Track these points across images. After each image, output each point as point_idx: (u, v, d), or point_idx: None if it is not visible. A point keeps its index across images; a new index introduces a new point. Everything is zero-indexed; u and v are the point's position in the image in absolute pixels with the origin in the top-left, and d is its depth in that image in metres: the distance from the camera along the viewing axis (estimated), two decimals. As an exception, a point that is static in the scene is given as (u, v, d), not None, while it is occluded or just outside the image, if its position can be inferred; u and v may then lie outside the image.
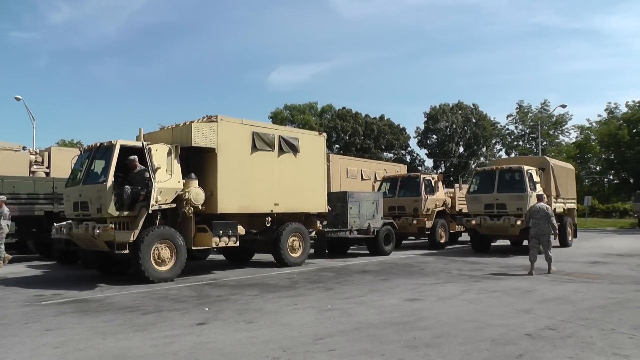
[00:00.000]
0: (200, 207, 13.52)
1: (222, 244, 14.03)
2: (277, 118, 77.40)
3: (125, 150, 12.62)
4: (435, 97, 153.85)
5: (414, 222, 22.22)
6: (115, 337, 7.18)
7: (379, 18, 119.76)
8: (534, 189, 19.20)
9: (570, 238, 23.46)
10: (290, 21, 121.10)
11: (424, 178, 22.96)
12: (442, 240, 23.43)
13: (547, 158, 23.13)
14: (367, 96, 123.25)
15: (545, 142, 67.53)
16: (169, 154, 13.08)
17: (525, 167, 19.76)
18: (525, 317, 8.34)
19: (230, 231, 14.12)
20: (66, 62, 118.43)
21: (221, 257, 18.38)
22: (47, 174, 19.76)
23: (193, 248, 13.82)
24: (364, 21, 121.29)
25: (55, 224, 13.80)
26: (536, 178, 19.91)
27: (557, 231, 14.46)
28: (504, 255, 19.25)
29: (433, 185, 23.16)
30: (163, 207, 12.93)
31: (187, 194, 13.21)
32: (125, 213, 12.31)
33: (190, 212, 13.40)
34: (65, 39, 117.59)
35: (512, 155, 69.42)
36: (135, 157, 12.63)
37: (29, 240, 19.42)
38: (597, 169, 67.70)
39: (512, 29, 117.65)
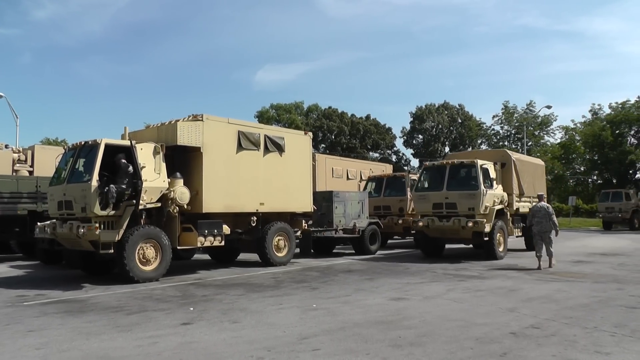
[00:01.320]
0: (185, 207, 13.48)
1: (207, 244, 13.99)
2: (263, 117, 77.21)
3: (111, 149, 12.55)
4: (421, 97, 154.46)
5: (400, 221, 21.83)
6: (99, 338, 7.14)
7: (365, 18, 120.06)
8: (490, 186, 17.53)
9: None
10: (277, 20, 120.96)
11: (410, 177, 22.82)
12: None
13: (509, 152, 20.72)
14: (353, 96, 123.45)
15: (530, 143, 67.80)
16: (154, 152, 13.04)
17: (480, 162, 17.63)
18: (510, 315, 8.40)
19: (216, 230, 14.08)
20: (50, 60, 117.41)
21: (206, 256, 18.33)
22: (31, 172, 19.57)
23: (178, 247, 13.77)
24: (350, 21, 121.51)
25: (38, 224, 13.69)
26: (493, 174, 17.87)
27: (557, 228, 15.50)
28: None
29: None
30: (148, 206, 12.88)
31: (172, 193, 13.16)
32: (111, 212, 12.25)
33: (175, 211, 13.34)
34: (49, 36, 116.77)
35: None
36: (123, 155, 12.56)
37: (12, 240, 19.22)
38: (582, 169, 68.17)
39: (498, 30, 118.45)
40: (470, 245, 20.41)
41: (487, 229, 16.78)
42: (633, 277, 12.95)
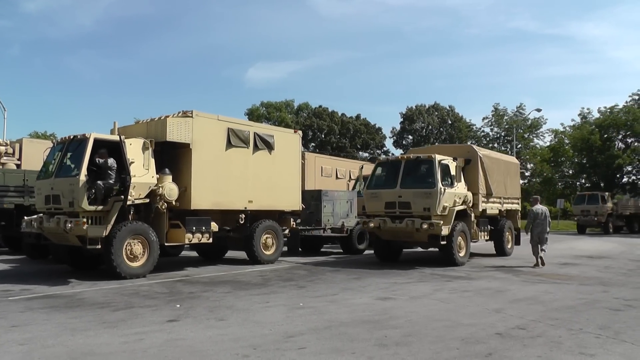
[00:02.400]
0: (173, 203, 13.45)
1: (195, 241, 13.97)
2: (253, 115, 77.15)
3: (100, 144, 12.50)
4: (411, 98, 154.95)
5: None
6: (84, 334, 7.11)
7: (357, 18, 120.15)
8: (451, 184, 15.78)
9: (509, 245, 19.82)
10: (269, 18, 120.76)
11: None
12: None
13: (476, 147, 18.46)
14: (344, 95, 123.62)
15: (520, 145, 68.16)
16: (143, 148, 13.01)
17: (438, 157, 15.74)
18: (496, 316, 8.44)
19: (204, 227, 14.06)
20: (40, 52, 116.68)
21: (194, 253, 18.31)
22: (18, 166, 19.45)
23: (166, 244, 13.74)
24: (342, 20, 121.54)
25: (25, 218, 13.61)
26: (454, 171, 15.95)
27: (549, 229, 16.63)
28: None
29: None
30: (136, 202, 12.84)
31: (160, 189, 13.12)
32: (99, 208, 12.20)
33: (163, 207, 13.31)
34: (39, 29, 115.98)
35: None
36: (106, 150, 12.51)
37: (-2, 234, 19.11)
38: (570, 172, 68.54)
39: (490, 32, 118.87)
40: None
41: (445, 231, 15.16)
42: (618, 280, 13.07)
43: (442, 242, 15.31)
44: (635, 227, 41.55)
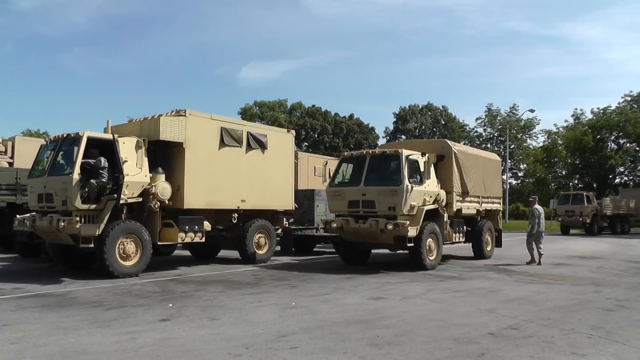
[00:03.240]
0: (166, 202, 13.42)
1: (187, 240, 13.95)
2: (247, 114, 77.18)
3: (93, 142, 12.47)
4: (405, 98, 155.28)
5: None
6: (77, 333, 7.09)
7: (351, 17, 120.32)
8: (419, 182, 14.67)
9: (489, 248, 18.72)
10: (263, 17, 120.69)
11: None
12: None
13: (450, 143, 17.10)
14: (337, 95, 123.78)
15: (513, 146, 68.43)
16: (136, 147, 12.98)
17: (405, 152, 14.57)
18: (489, 316, 8.46)
19: (197, 227, 14.04)
20: (33, 50, 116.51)
21: (187, 252, 18.29)
22: (11, 164, 19.38)
23: (159, 243, 13.72)
24: (336, 20, 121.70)
25: (18, 216, 13.56)
26: (423, 167, 14.81)
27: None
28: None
29: None
30: (129, 201, 12.82)
31: (153, 188, 13.10)
32: (92, 206, 12.17)
33: (156, 206, 13.28)
34: (33, 26, 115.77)
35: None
36: (97, 150, 12.48)
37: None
38: (563, 173, 68.81)
39: (484, 33, 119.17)
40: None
41: (413, 232, 14.09)
42: (610, 280, 13.12)
43: (410, 244, 14.23)
44: (617, 228, 40.76)
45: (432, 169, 15.46)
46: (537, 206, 17.56)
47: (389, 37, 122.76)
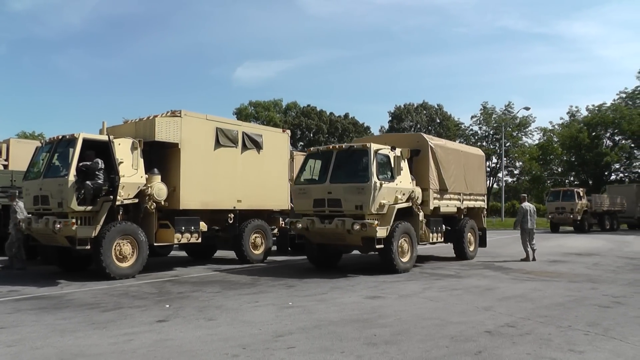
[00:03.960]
0: (162, 203, 13.40)
1: (184, 240, 13.92)
2: (242, 114, 77.20)
3: (88, 144, 12.46)
4: (400, 97, 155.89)
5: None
6: (73, 335, 7.08)
7: (345, 16, 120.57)
8: (390, 178, 13.72)
9: (472, 247, 17.80)
10: (257, 17, 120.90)
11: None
12: None
13: (426, 136, 16.08)
14: (332, 94, 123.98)
15: (508, 143, 68.45)
16: (132, 148, 12.97)
17: (374, 147, 13.61)
18: (485, 314, 8.47)
19: (193, 227, 14.02)
20: (28, 52, 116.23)
21: (183, 253, 18.27)
22: (6, 166, 19.32)
23: (155, 244, 13.69)
24: (330, 19, 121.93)
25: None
26: (394, 162, 13.80)
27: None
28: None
29: None
30: (125, 202, 12.81)
31: (149, 189, 13.08)
32: (88, 208, 12.16)
33: (152, 207, 13.26)
34: (27, 28, 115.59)
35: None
36: (93, 152, 12.47)
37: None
38: (559, 170, 68.96)
39: (478, 31, 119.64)
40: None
41: (382, 233, 13.19)
42: (607, 277, 13.14)
43: (379, 246, 13.30)
44: (607, 225, 40.01)
45: (405, 165, 14.49)
46: (525, 204, 17.89)
47: (383, 36, 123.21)
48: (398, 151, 14.19)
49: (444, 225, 16.45)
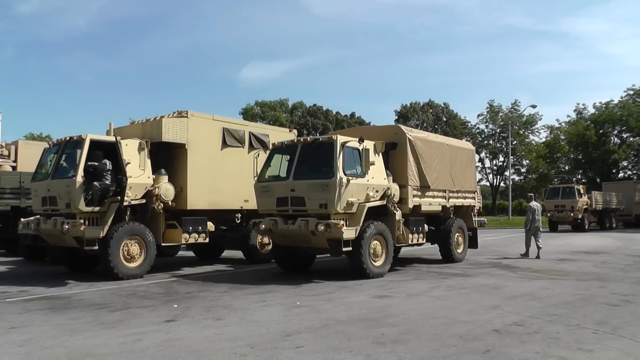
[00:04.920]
0: (170, 203, 13.44)
1: (191, 240, 13.95)
2: (248, 114, 77.28)
3: (96, 145, 12.50)
4: (406, 96, 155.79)
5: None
6: (82, 335, 7.11)
7: (350, 16, 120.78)
8: (360, 174, 12.49)
9: (460, 250, 16.39)
10: (262, 17, 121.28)
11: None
12: None
13: (405, 128, 14.70)
14: (338, 93, 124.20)
15: (515, 142, 68.36)
16: (139, 149, 13.01)
17: (341, 139, 12.40)
18: (493, 313, 8.45)
19: (200, 227, 14.05)
20: (34, 54, 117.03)
21: (190, 253, 18.29)
22: (14, 168, 19.42)
23: (162, 244, 13.71)
24: (335, 19, 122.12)
25: (22, 219, 13.60)
26: (364, 156, 12.39)
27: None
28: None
29: None
30: (133, 202, 12.85)
31: (157, 189, 13.12)
32: (96, 209, 12.21)
33: (159, 208, 13.30)
34: (33, 30, 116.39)
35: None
36: (101, 152, 12.52)
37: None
38: (566, 168, 68.78)
39: (483, 29, 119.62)
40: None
41: (350, 234, 11.97)
42: (615, 275, 13.09)
43: (347, 249, 12.04)
44: (606, 223, 38.61)
45: (379, 159, 13.33)
46: (532, 203, 18.38)
47: (388, 35, 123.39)
48: (369, 144, 12.82)
49: (426, 225, 15.00)
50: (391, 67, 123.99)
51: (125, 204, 12.54)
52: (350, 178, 12.11)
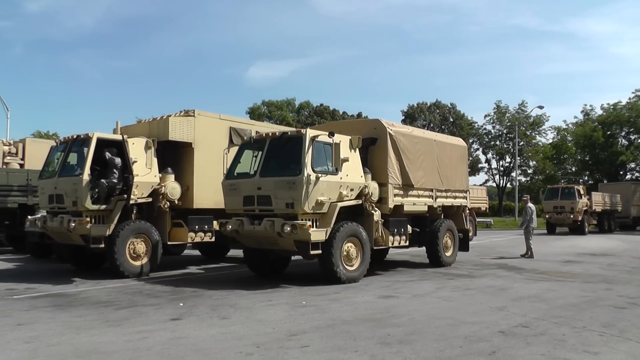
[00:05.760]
0: (176, 202, 13.46)
1: (197, 239, 13.97)
2: (255, 114, 77.25)
3: (102, 143, 12.53)
4: (413, 96, 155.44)
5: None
6: (88, 332, 7.13)
7: (357, 15, 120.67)
8: (332, 171, 11.56)
9: (449, 253, 15.36)
10: (269, 16, 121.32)
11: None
12: None
13: (385, 122, 13.54)
14: (345, 93, 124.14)
15: (522, 143, 68.15)
16: (146, 147, 13.04)
17: (311, 133, 11.48)
18: (499, 314, 8.43)
19: (206, 226, 14.06)
20: (42, 52, 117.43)
21: (196, 252, 18.31)
22: (22, 165, 19.51)
23: (168, 243, 13.76)
24: (342, 18, 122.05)
25: (29, 217, 13.67)
26: (334, 151, 11.37)
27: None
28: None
29: None
30: (139, 201, 12.88)
31: (163, 188, 13.14)
32: (102, 207, 12.24)
33: (166, 206, 13.32)
34: (41, 29, 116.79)
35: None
36: (113, 149, 12.55)
37: (2, 233, 19.17)
38: (573, 169, 68.57)
39: (491, 30, 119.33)
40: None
41: (319, 236, 11.11)
42: (622, 278, 13.04)
43: (315, 252, 11.21)
44: (605, 226, 36.71)
45: (355, 155, 12.36)
46: (529, 204, 19.08)
47: (395, 35, 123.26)
48: (343, 138, 12.05)
49: (410, 227, 13.95)
50: (398, 67, 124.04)
51: (131, 202, 12.57)
52: (320, 175, 11.21)
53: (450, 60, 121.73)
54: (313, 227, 11.10)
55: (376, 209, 12.70)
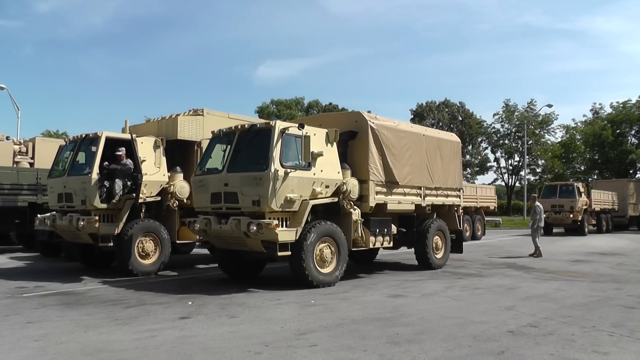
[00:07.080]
0: (185, 201, 13.46)
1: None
2: (264, 113, 77.27)
3: (111, 142, 12.57)
4: (421, 95, 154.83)
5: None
6: (97, 331, 7.15)
7: (367, 14, 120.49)
8: (304, 166, 10.78)
9: (439, 255, 14.55)
10: (278, 15, 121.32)
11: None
12: None
13: (367, 115, 12.60)
14: (354, 92, 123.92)
15: (531, 141, 67.89)
16: (155, 146, 13.08)
17: (280, 126, 10.77)
18: (508, 314, 8.39)
19: (215, 225, 14.05)
20: (52, 52, 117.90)
21: (205, 251, 18.32)
22: (31, 164, 19.60)
23: (177, 242, 13.78)
24: (352, 17, 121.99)
25: (38, 215, 13.73)
26: (304, 144, 10.53)
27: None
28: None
29: None
30: (148, 200, 12.90)
31: (172, 187, 13.16)
32: (111, 205, 12.28)
33: (174, 205, 13.34)
34: (51, 29, 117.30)
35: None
36: (123, 149, 12.59)
37: (12, 232, 19.26)
38: (582, 168, 68.27)
39: (500, 28, 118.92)
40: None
41: (288, 236, 10.48)
42: (632, 277, 12.95)
43: (283, 253, 10.54)
44: (603, 226, 34.79)
45: (332, 149, 11.58)
46: (537, 203, 19.17)
47: (405, 34, 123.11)
48: (318, 131, 11.42)
49: (395, 227, 13.28)
50: (407, 66, 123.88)
51: (140, 201, 12.61)
52: (289, 170, 10.45)
53: (459, 59, 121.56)
54: (282, 226, 10.50)
55: (355, 207, 11.91)
